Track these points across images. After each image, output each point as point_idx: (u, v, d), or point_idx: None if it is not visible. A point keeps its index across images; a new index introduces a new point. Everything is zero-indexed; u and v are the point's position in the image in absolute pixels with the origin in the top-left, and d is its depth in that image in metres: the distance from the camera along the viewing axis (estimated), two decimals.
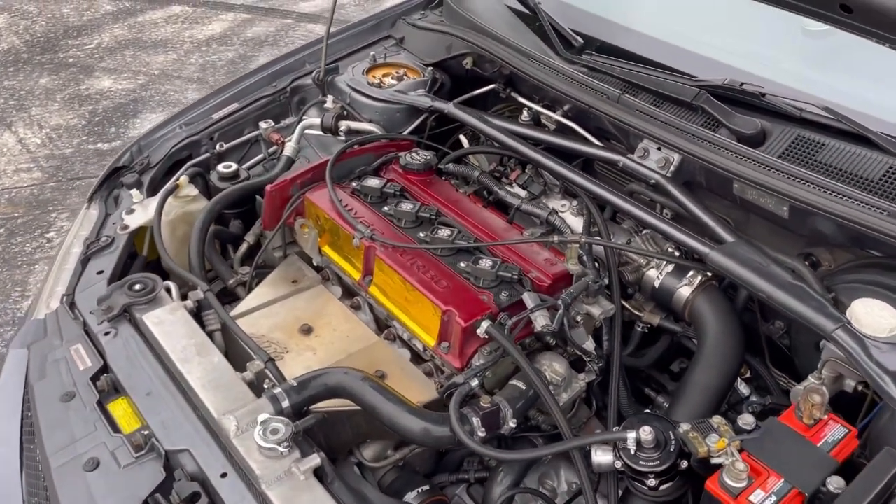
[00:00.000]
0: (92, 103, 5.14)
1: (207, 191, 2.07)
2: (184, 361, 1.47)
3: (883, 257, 1.58)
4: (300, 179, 1.85)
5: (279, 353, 1.57)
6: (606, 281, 1.63)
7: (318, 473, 1.29)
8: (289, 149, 2.09)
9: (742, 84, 1.73)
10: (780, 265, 1.48)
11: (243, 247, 1.97)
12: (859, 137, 1.58)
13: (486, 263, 1.56)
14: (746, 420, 1.25)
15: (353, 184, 1.86)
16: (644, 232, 1.79)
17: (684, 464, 1.32)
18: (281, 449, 1.27)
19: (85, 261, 1.80)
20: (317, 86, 2.29)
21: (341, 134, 2.11)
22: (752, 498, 1.14)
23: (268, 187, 1.83)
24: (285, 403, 1.37)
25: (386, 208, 1.77)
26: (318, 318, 1.69)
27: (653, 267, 1.70)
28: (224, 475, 1.30)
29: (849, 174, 1.56)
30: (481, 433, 1.36)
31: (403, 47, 2.44)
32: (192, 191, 2.00)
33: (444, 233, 1.65)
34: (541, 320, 1.45)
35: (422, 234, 1.68)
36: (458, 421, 1.34)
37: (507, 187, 1.88)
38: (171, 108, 5.14)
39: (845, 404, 1.41)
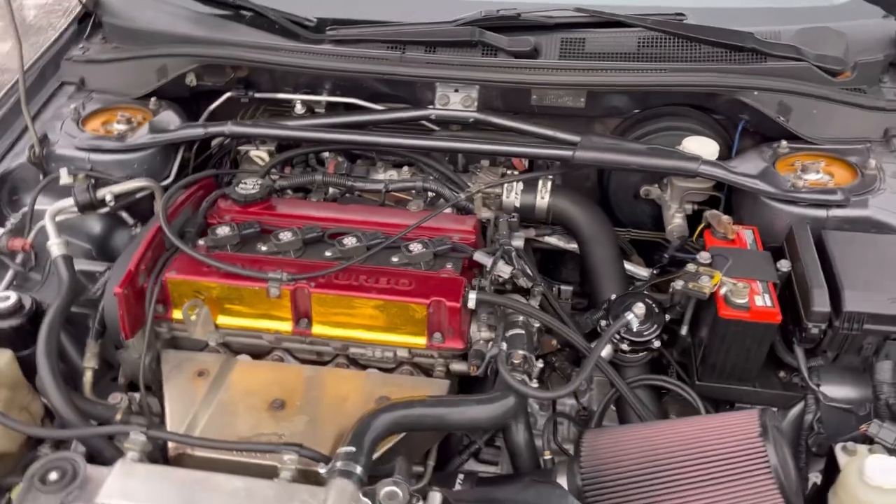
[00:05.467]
0: None
1: None
2: None
3: (641, 112, 1.99)
4: (143, 265, 1.53)
5: (283, 439, 1.36)
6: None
7: None
8: (56, 247, 1.66)
9: (499, 11, 1.93)
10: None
11: (88, 375, 1.57)
12: (606, 24, 1.93)
13: (418, 247, 1.55)
14: (704, 256, 1.54)
15: (201, 242, 1.61)
16: (474, 167, 1.93)
17: (667, 317, 1.58)
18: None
19: None
20: (34, 164, 1.84)
21: (108, 204, 1.77)
22: (758, 303, 1.44)
23: (115, 290, 1.48)
24: (358, 469, 1.23)
25: (264, 248, 1.59)
26: (274, 389, 1.48)
27: (507, 192, 1.86)
28: None
29: (613, 54, 1.90)
30: (535, 384, 1.42)
31: (91, 89, 2.07)
32: None
33: (350, 241, 1.56)
34: (505, 269, 1.53)
35: (328, 254, 1.57)
36: (519, 384, 1.37)
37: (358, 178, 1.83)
38: None
39: None
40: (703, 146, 1.76)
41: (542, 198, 1.84)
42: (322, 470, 1.27)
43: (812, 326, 1.42)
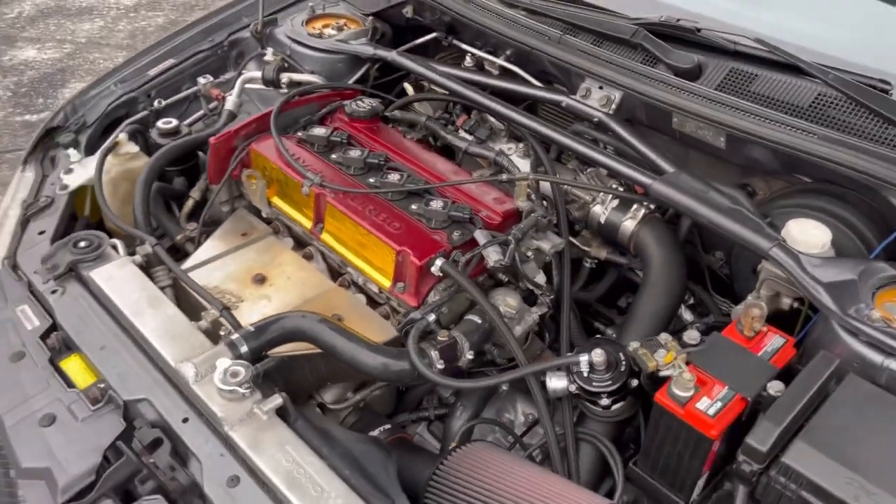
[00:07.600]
0: (17, 74, 4.93)
1: (147, 149, 2.03)
2: (137, 314, 1.46)
3: (812, 183, 1.65)
4: (244, 131, 1.83)
5: (234, 303, 1.57)
6: (555, 217, 1.66)
7: (281, 413, 1.31)
8: (230, 102, 2.06)
9: (678, 20, 1.77)
10: (719, 192, 1.54)
11: (189, 203, 1.94)
12: (790, 67, 1.64)
13: (437, 204, 1.58)
14: (692, 335, 1.31)
15: (299, 133, 1.84)
16: (588, 171, 1.84)
17: (634, 382, 1.38)
18: (242, 391, 1.28)
19: (24, 222, 1.76)
20: (255, 38, 2.25)
21: (283, 86, 2.09)
22: (698, 405, 1.20)
23: (211, 140, 1.80)
24: (243, 349, 1.37)
25: (334, 156, 1.77)
26: (271, 267, 1.68)
27: (598, 203, 1.74)
28: (186, 420, 1.30)
29: (781, 102, 1.62)
30: (440, 366, 1.39)
31: None
32: (133, 148, 1.95)
33: (393, 177, 1.66)
34: (493, 255, 1.48)
35: (371, 180, 1.69)
36: (416, 354, 1.36)
37: (454, 132, 1.89)
38: None
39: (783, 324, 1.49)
40: (806, 233, 1.44)
41: (629, 219, 1.68)
42: (222, 333, 1.44)
43: (742, 460, 1.14)
